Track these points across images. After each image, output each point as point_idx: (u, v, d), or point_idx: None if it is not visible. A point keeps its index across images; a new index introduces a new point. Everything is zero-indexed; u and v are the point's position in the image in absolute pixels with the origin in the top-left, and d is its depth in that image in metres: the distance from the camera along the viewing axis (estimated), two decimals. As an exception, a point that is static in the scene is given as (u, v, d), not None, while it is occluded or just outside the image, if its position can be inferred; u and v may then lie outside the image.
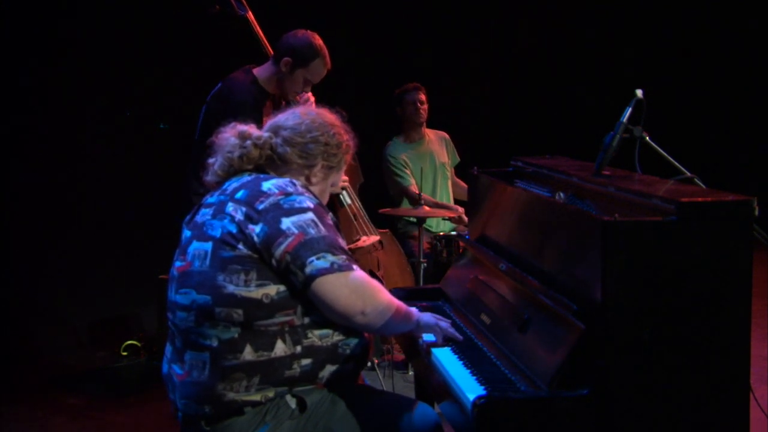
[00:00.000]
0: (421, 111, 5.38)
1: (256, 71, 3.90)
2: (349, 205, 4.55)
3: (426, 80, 5.57)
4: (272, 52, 3.93)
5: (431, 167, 5.43)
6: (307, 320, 2.40)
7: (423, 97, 5.39)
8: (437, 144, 5.52)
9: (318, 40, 3.87)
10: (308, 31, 3.88)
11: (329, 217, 2.45)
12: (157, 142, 5.69)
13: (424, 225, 4.86)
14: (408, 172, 5.30)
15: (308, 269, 2.32)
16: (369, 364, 4.64)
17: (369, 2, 6.69)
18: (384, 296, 2.43)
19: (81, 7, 5.32)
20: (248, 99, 3.74)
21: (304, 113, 2.61)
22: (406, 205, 5.28)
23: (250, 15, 4.02)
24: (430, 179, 5.43)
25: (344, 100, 3.02)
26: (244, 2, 4.01)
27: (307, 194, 2.45)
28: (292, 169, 2.56)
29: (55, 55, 5.31)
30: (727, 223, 2.27)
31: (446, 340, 2.74)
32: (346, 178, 4.32)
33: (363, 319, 2.38)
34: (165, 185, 5.08)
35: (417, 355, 2.83)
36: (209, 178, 2.58)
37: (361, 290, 2.38)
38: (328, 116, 2.64)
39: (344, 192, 4.50)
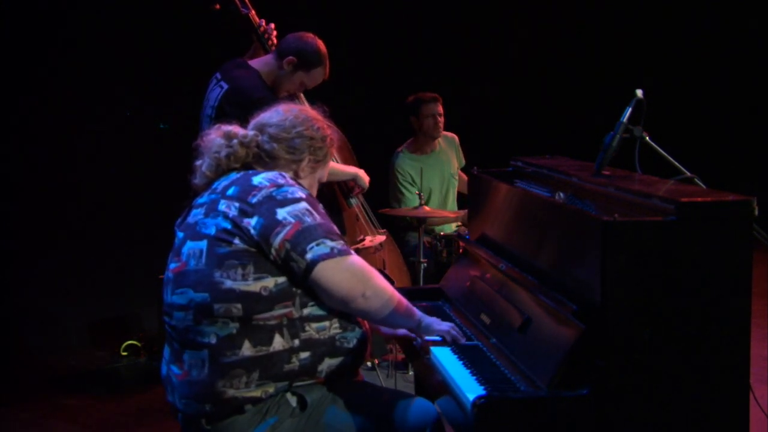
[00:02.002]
0: (440, 125, 5.20)
1: (256, 64, 3.86)
2: (356, 205, 4.55)
3: (425, 80, 5.55)
4: (275, 49, 3.91)
5: (441, 180, 5.32)
6: (305, 312, 2.42)
7: (441, 109, 5.19)
8: (448, 151, 5.39)
9: (324, 48, 3.86)
10: (316, 36, 3.87)
11: (321, 207, 2.49)
12: (157, 142, 5.68)
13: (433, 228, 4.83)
14: (413, 190, 5.14)
15: (309, 255, 2.34)
16: (369, 364, 4.65)
17: (369, 3, 6.69)
18: (384, 282, 2.47)
19: (81, 7, 5.32)
20: (266, 94, 3.71)
21: (287, 110, 2.64)
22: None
23: (253, 14, 4.01)
24: (441, 192, 5.33)
25: (346, 99, 3.02)
26: (247, 1, 4.01)
27: (297, 185, 2.48)
28: (280, 165, 2.58)
29: (54, 54, 5.31)
30: (727, 223, 2.27)
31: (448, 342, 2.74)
32: (368, 179, 4.30)
33: (364, 303, 2.40)
34: (165, 185, 5.08)
35: (417, 355, 2.83)
36: (197, 180, 2.59)
37: (361, 274, 2.41)
38: (311, 111, 2.67)
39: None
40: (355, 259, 2.43)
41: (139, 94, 5.59)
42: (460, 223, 5.22)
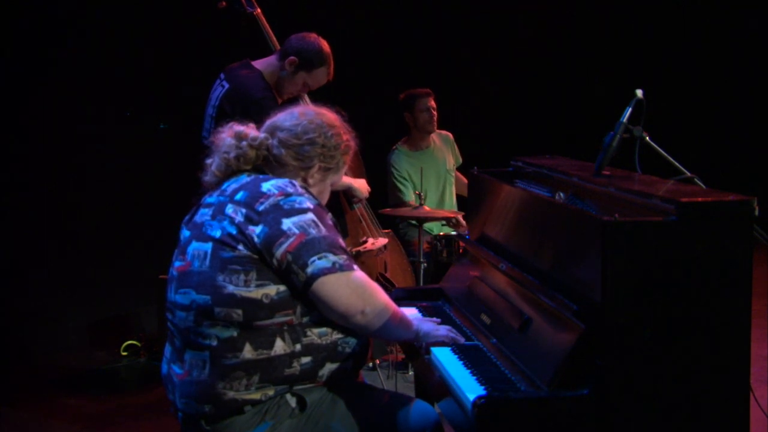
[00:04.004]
0: (434, 119, 5.21)
1: (259, 65, 3.85)
2: (359, 208, 4.54)
3: (425, 80, 5.55)
4: (278, 49, 3.91)
5: (437, 177, 5.32)
6: (306, 320, 2.41)
7: (434, 103, 5.21)
8: (443, 149, 5.40)
9: (327, 48, 3.84)
10: (319, 36, 3.85)
11: (329, 218, 2.46)
12: (157, 142, 5.68)
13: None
14: (409, 186, 5.18)
15: (310, 269, 2.33)
16: (370, 364, 4.65)
17: (369, 3, 6.69)
18: (384, 298, 2.44)
19: (82, 6, 5.32)
20: (267, 94, 3.70)
21: (302, 113, 2.59)
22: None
23: (259, 12, 4.01)
24: (437, 188, 5.33)
25: (344, 99, 3.02)
26: (254, 0, 4.01)
27: (306, 195, 2.45)
28: (288, 170, 2.55)
29: (55, 54, 5.31)
30: (727, 223, 2.27)
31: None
32: (368, 188, 4.30)
33: (362, 319, 2.38)
34: (165, 185, 5.09)
35: (417, 355, 2.83)
36: (207, 178, 2.58)
37: (362, 290, 2.38)
38: (328, 116, 2.61)
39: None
40: (357, 274, 2.39)
41: (139, 94, 5.59)
42: (444, 223, 5.20)
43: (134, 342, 5.18)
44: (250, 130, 2.56)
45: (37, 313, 5.29)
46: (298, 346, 2.39)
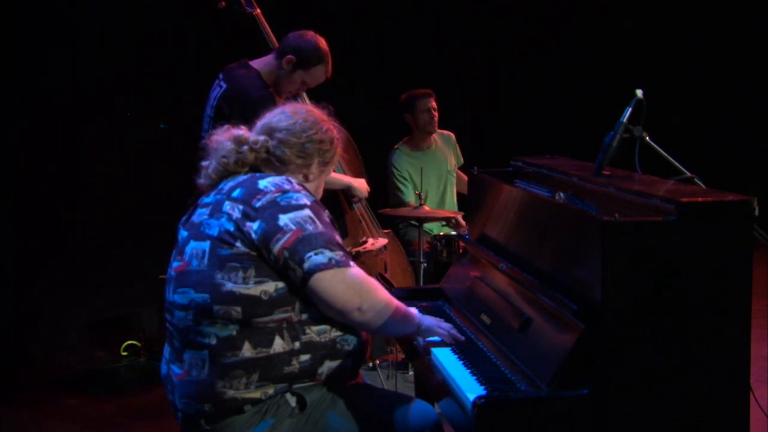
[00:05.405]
0: (435, 119, 5.21)
1: (256, 65, 3.85)
2: (358, 208, 4.54)
3: (425, 80, 5.55)
4: (276, 48, 3.90)
5: (438, 177, 5.32)
6: (305, 317, 2.41)
7: (435, 103, 5.21)
8: (444, 149, 5.39)
9: (324, 46, 3.83)
10: (317, 34, 3.85)
11: (326, 214, 2.47)
12: (157, 142, 5.68)
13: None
14: (410, 186, 5.18)
15: (306, 264, 2.33)
16: (370, 364, 4.65)
17: (369, 2, 6.69)
18: (382, 294, 2.44)
19: (81, 6, 5.32)
20: (264, 93, 3.70)
21: (294, 112, 2.61)
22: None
23: (259, 12, 4.00)
24: (438, 189, 5.33)
25: (345, 99, 3.02)
26: (253, 0, 4.01)
27: (303, 192, 2.47)
28: (290, 169, 2.57)
29: (55, 54, 5.31)
30: (727, 223, 2.27)
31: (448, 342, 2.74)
32: (368, 188, 4.30)
33: (360, 315, 2.39)
34: (165, 185, 5.08)
35: (417, 355, 2.83)
36: (202, 180, 2.59)
37: (358, 286, 2.39)
38: (316, 112, 2.65)
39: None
40: (354, 271, 2.40)
41: (139, 94, 5.59)
42: (445, 223, 5.20)
43: (134, 342, 5.18)
44: (249, 134, 2.58)
45: (37, 313, 5.29)
46: (297, 344, 2.40)
